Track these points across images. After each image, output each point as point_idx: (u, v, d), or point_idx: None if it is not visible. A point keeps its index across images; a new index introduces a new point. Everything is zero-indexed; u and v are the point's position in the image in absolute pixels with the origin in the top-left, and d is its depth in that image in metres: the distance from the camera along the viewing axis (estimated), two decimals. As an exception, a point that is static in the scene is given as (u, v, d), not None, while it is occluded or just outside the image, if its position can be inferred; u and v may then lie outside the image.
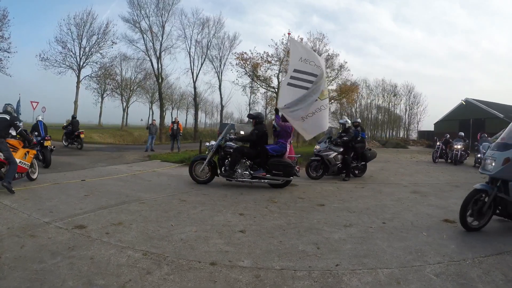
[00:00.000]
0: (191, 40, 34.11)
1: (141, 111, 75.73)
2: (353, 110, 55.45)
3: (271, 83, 22.89)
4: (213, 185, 7.46)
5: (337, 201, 6.30)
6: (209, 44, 34.86)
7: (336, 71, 30.31)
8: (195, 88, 35.25)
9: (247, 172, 7.28)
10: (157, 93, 36.52)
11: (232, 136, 7.74)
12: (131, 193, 6.23)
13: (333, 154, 9.19)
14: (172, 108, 53.03)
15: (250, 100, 39.45)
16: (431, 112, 68.89)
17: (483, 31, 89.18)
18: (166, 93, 42.93)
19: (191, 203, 5.57)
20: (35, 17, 66.40)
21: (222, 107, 38.11)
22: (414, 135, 54.13)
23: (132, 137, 37.77)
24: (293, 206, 5.69)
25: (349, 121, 10.06)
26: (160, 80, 33.08)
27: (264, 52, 22.31)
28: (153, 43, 31.56)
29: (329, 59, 29.95)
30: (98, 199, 5.62)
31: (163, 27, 31.66)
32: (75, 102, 28.85)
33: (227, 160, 7.30)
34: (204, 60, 35.13)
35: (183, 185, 7.37)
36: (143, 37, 31.34)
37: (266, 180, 7.27)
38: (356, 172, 9.93)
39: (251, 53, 21.71)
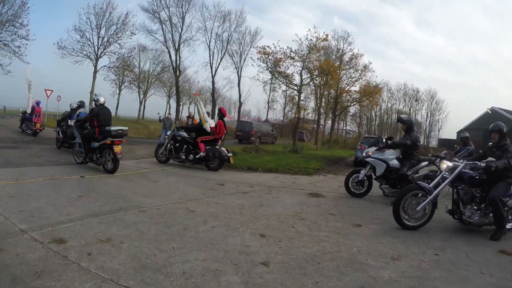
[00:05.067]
0: (211, 33, 33.12)
1: (158, 105, 75.90)
2: (373, 114, 53.83)
3: (293, 80, 21.69)
4: (229, 192, 6.49)
5: (375, 220, 5.22)
6: (230, 38, 33.87)
7: (359, 72, 28.90)
8: (213, 82, 34.28)
9: None
10: (175, 86, 35.77)
11: None
12: (132, 196, 5.31)
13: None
14: (190, 103, 52.39)
15: (269, 98, 38.32)
16: (452, 120, 65.88)
17: (504, 39, 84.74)
18: (184, 87, 42.19)
19: (200, 216, 4.57)
20: (54, 5, 66.77)
21: (240, 103, 37.01)
22: (434, 143, 52.29)
23: (148, 130, 37.11)
24: (324, 226, 4.65)
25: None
26: (177, 73, 32.29)
27: (287, 47, 21.09)
28: (172, 34, 30.76)
29: (352, 58, 28.59)
30: (92, 203, 4.72)
31: (183, 18, 30.76)
32: (91, 92, 28.41)
33: None
34: (224, 54, 34.13)
35: (193, 189, 6.42)
36: (162, 28, 30.51)
37: None
38: None
39: (274, 47, 20.49)
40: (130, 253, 3.13)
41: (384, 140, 6.93)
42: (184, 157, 8.90)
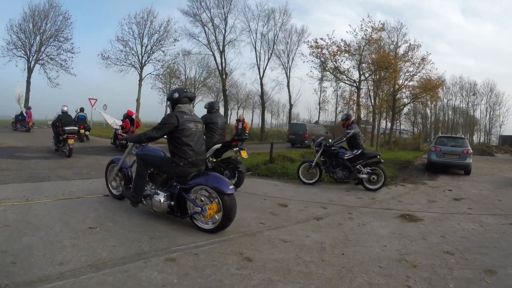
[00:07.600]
0: (256, 34, 31.49)
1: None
2: (428, 111, 49.16)
3: (351, 76, 19.06)
4: (296, 218, 4.74)
5: (507, 259, 3.24)
6: (276, 38, 32.03)
7: (417, 65, 25.61)
8: (261, 84, 32.51)
9: None
10: (222, 91, 34.74)
11: None
12: (161, 230, 3.71)
13: None
14: (238, 108, 51.50)
15: (320, 98, 35.99)
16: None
17: None
18: (231, 91, 41.12)
19: (261, 269, 2.83)
20: (97, 19, 70.03)
21: (291, 105, 34.63)
22: (494, 140, 46.81)
23: (196, 137, 36.51)
24: (450, 278, 2.81)
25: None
26: (224, 76, 31.17)
27: (341, 39, 18.57)
28: (215, 36, 29.55)
29: (408, 51, 25.44)
30: (102, 241, 3.24)
31: (225, 19, 29.34)
32: (137, 100, 28.35)
33: None
34: (271, 55, 32.23)
35: (248, 213, 4.62)
36: (205, 30, 29.28)
37: None
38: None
39: (329, 38, 17.98)
40: None
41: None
42: (118, 143, 12.41)
